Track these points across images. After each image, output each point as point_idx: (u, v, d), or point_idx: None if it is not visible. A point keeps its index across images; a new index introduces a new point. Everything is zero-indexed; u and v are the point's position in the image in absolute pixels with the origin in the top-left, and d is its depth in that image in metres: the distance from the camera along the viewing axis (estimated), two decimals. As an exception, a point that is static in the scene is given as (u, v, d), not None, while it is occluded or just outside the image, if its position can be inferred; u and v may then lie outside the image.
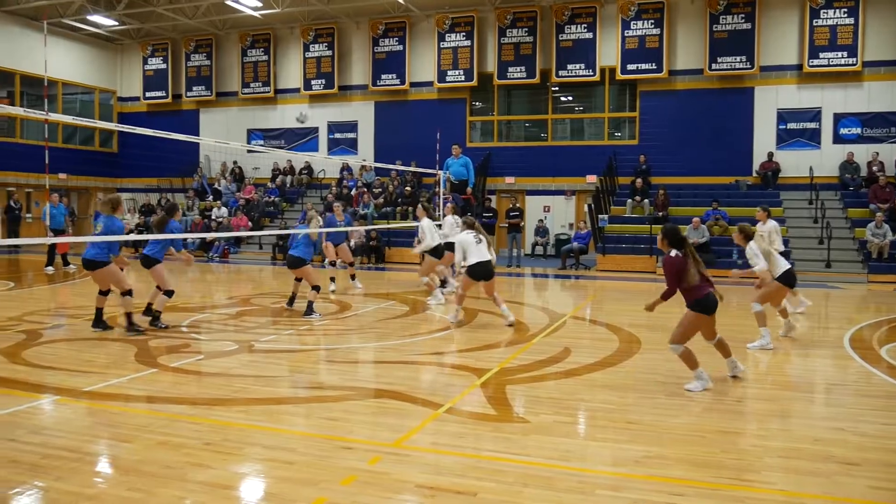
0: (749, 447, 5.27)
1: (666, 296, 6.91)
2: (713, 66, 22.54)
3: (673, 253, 6.82)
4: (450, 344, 9.26)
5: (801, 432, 5.66)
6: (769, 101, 22.44)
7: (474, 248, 10.41)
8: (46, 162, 6.99)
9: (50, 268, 18.20)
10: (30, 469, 4.67)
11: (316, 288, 11.40)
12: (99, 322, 9.74)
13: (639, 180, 22.16)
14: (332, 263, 15.58)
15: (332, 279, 14.82)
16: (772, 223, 12.34)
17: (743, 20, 22.24)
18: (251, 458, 4.97)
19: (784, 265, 9.24)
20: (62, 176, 27.00)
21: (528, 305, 13.50)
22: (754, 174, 22.45)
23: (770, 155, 22.19)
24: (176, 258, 10.46)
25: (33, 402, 6.26)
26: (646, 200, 21.76)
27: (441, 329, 10.31)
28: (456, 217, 13.95)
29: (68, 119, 9.54)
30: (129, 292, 9.55)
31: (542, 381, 7.22)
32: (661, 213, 20.82)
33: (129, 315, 9.58)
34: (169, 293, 10.13)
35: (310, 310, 11.19)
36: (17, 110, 7.71)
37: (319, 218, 13.17)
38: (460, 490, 4.36)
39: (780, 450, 5.20)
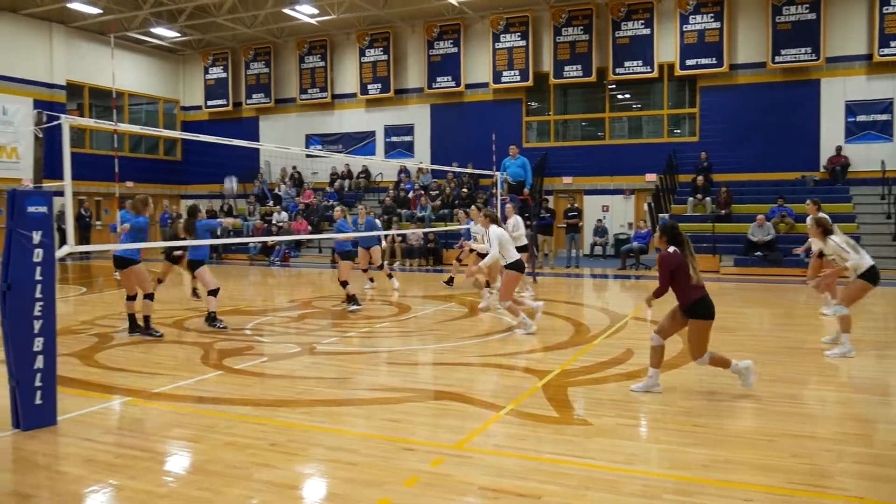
0: (822, 452, 5.10)
1: (658, 293, 6.63)
2: (776, 58, 21.98)
3: (671, 249, 6.51)
4: (510, 346, 9.22)
5: (878, 437, 5.48)
6: (837, 93, 21.76)
7: (511, 242, 10.23)
8: (116, 171, 7.23)
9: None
10: (105, 468, 4.82)
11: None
12: (135, 327, 9.90)
13: (700, 178, 21.75)
14: (365, 270, 15.50)
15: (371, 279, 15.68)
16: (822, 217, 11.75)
17: (807, 10, 21.62)
18: (315, 458, 5.04)
19: (869, 261, 8.61)
20: (129, 184, 27.80)
21: (588, 306, 13.37)
22: (822, 169, 21.80)
23: (838, 149, 21.51)
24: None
25: (106, 403, 6.46)
26: (707, 198, 21.33)
27: (501, 331, 10.28)
28: (518, 217, 13.78)
29: (136, 129, 9.84)
30: (150, 296, 9.79)
31: (603, 382, 7.15)
32: (723, 211, 20.40)
33: (147, 318, 9.77)
34: (214, 292, 10.49)
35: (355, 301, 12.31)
36: (88, 121, 7.95)
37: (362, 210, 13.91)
38: (523, 493, 4.34)
39: (855, 455, 5.03)
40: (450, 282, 15.78)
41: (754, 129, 22.46)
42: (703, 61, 22.81)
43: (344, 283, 12.24)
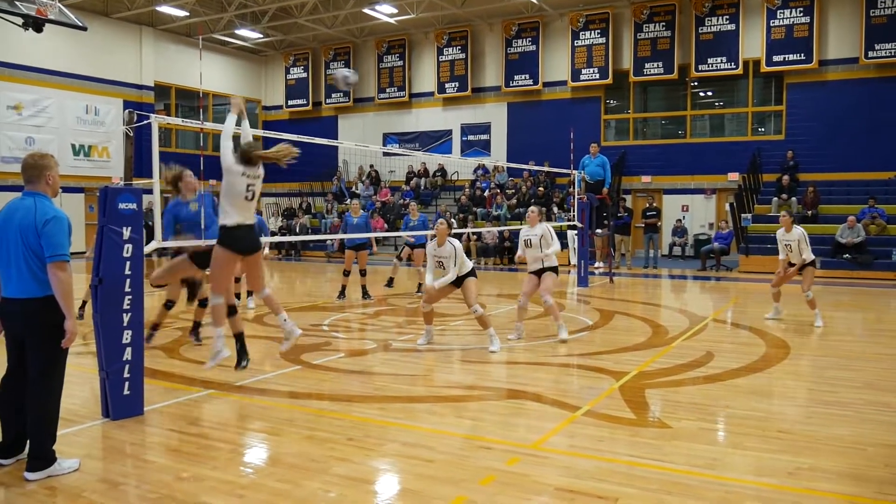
0: (916, 462, 4.88)
1: None
2: (870, 53, 21.05)
3: None
4: (585, 346, 9.11)
5: (976, 448, 5.19)
6: (934, 90, 20.72)
7: None
8: (202, 169, 7.46)
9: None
10: (189, 458, 4.96)
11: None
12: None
13: (785, 177, 21.04)
14: (346, 272, 13.71)
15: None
16: (799, 231, 10.68)
17: (905, 2, 20.66)
18: (391, 454, 5.07)
19: None
20: (212, 182, 28.57)
21: (667, 307, 13.10)
22: (916, 169, 20.82)
23: (934, 147, 20.48)
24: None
25: (190, 395, 6.64)
26: (793, 198, 20.63)
27: (576, 331, 10.17)
28: (546, 225, 9.94)
29: (221, 128, 10.11)
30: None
31: (682, 385, 6.98)
32: (809, 212, 19.71)
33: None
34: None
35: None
36: (176, 121, 8.28)
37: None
38: (601, 495, 4.27)
39: (952, 466, 4.78)
40: (389, 283, 15.02)
41: (844, 127, 21.58)
42: (791, 57, 22.05)
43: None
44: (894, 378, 7.35)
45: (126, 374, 5.77)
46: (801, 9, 21.85)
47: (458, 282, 8.80)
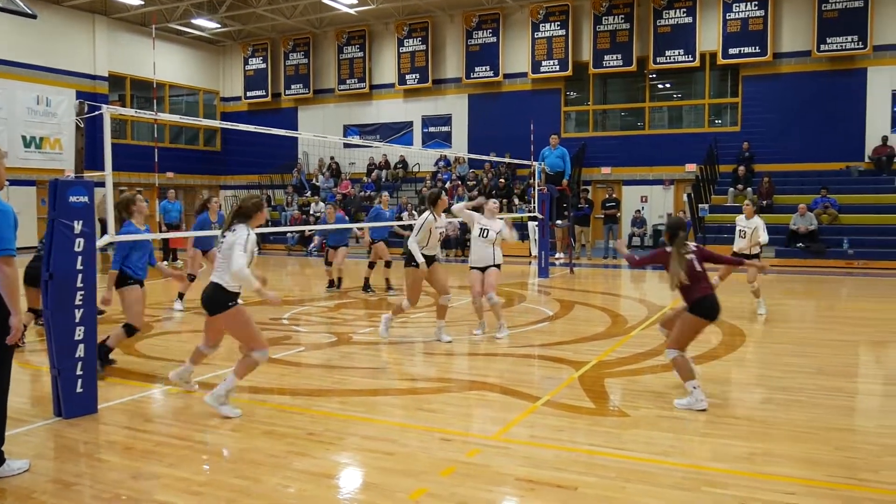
0: (865, 445, 4.99)
1: (630, 259, 6.80)
2: (822, 47, 21.45)
3: (669, 248, 6.28)
4: (546, 336, 9.16)
5: (923, 432, 5.33)
6: (883, 83, 21.14)
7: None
8: (156, 161, 7.32)
9: (164, 263, 18.91)
10: (145, 456, 4.88)
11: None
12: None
13: (741, 168, 21.38)
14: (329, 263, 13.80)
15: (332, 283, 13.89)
16: (758, 220, 10.85)
17: (855, -3, 21.08)
18: (352, 448, 5.05)
19: None
20: (169, 174, 28.15)
21: (625, 297, 13.24)
22: (867, 159, 21.27)
23: (884, 139, 20.92)
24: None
25: (146, 392, 6.55)
26: (749, 189, 20.98)
27: (536, 321, 10.22)
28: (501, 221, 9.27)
29: (175, 118, 10.03)
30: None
31: (641, 374, 7.07)
32: (765, 202, 20.04)
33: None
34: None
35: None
36: (128, 111, 8.11)
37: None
38: (560, 484, 4.30)
39: (900, 450, 4.90)
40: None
41: (798, 118, 21.99)
42: (747, 50, 22.36)
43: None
44: (845, 364, 7.53)
45: (79, 372, 5.64)
46: (756, 2, 22.15)
47: (428, 262, 8.59)
